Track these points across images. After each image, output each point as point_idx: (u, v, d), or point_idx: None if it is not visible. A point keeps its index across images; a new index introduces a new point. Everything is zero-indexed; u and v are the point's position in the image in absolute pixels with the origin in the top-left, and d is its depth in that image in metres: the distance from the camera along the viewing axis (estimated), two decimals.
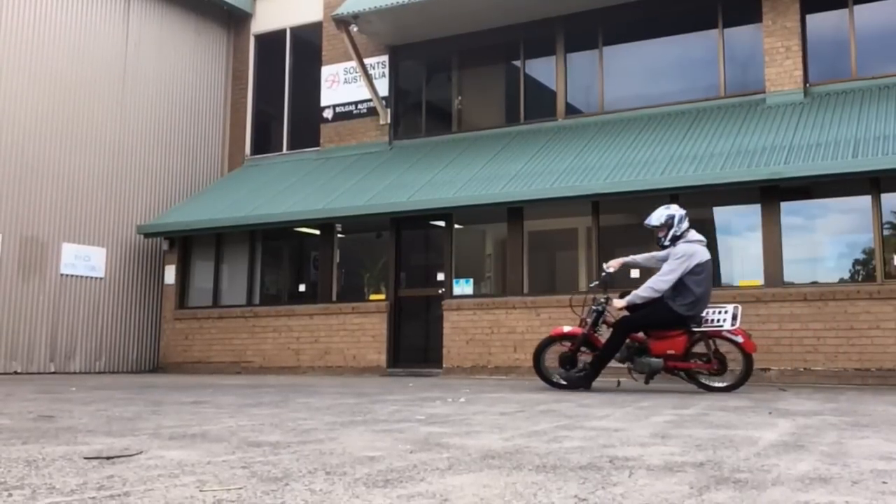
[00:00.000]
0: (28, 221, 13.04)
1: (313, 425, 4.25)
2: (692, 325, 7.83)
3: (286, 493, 2.28)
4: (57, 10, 13.69)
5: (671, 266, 7.75)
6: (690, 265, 7.73)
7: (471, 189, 11.97)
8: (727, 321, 7.82)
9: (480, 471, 2.72)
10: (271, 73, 16.38)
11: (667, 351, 7.86)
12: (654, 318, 7.86)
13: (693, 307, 7.76)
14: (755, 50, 12.25)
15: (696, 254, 7.82)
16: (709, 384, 7.97)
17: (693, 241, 7.97)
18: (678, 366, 7.93)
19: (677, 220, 7.96)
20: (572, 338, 8.09)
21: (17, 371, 12.68)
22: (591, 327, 8.04)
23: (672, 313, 7.76)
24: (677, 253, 7.81)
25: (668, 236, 7.96)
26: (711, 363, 7.86)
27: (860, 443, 3.62)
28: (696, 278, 7.76)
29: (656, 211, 8.12)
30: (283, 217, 13.28)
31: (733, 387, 7.92)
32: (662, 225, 7.99)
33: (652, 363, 7.82)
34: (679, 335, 7.85)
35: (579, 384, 7.90)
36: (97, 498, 2.18)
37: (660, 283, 7.73)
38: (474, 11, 13.36)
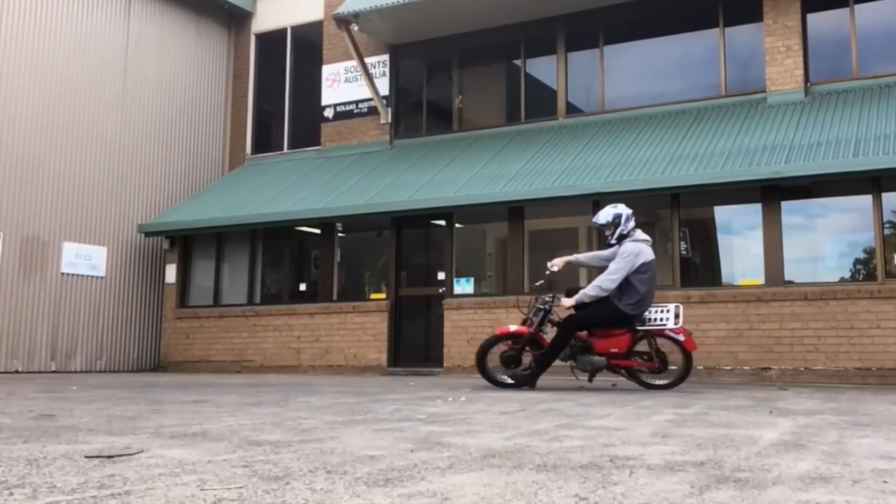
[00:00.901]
0: (29, 221, 13.04)
1: (314, 424, 4.25)
2: (636, 324, 7.91)
3: (287, 491, 2.28)
4: (58, 9, 13.69)
5: (619, 265, 7.79)
6: (636, 264, 7.79)
7: (471, 188, 11.97)
8: (670, 320, 7.91)
9: (481, 470, 2.72)
10: (272, 73, 16.38)
11: (610, 349, 7.92)
12: (600, 316, 7.91)
13: (638, 306, 7.84)
14: (756, 49, 12.25)
15: (642, 252, 7.88)
16: (649, 382, 8.11)
17: (639, 240, 8.03)
18: (621, 364, 8.01)
19: (624, 218, 8.00)
20: (518, 337, 8.06)
21: (18, 370, 12.68)
22: (538, 326, 8.03)
23: (618, 312, 7.81)
24: (624, 251, 7.85)
25: (615, 235, 8.00)
26: (653, 361, 7.97)
27: (861, 442, 3.62)
28: (642, 277, 7.83)
29: (603, 210, 8.17)
30: (283, 216, 13.28)
31: (673, 384, 8.05)
32: (609, 223, 8.04)
33: (595, 361, 7.86)
34: (623, 334, 7.93)
35: (525, 382, 7.88)
36: (98, 497, 2.18)
37: (607, 282, 7.76)
38: (475, 10, 13.36)
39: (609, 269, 7.88)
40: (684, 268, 11.19)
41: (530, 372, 7.92)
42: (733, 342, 10.40)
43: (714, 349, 10.48)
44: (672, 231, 11.19)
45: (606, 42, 13.35)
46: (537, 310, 8.10)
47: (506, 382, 8.04)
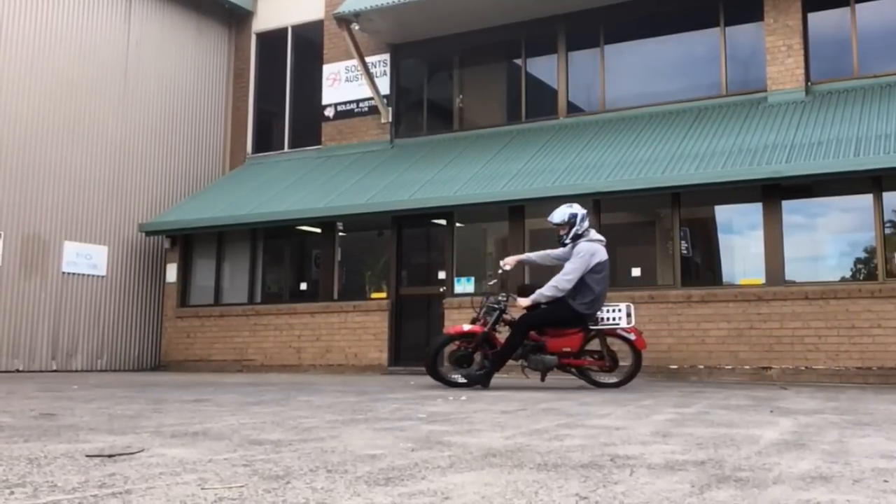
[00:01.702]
0: (30, 220, 13.05)
1: (314, 423, 4.25)
2: (589, 323, 7.94)
3: (287, 491, 2.28)
4: (59, 9, 13.69)
5: (575, 265, 7.79)
6: (592, 263, 7.81)
7: (472, 187, 11.97)
8: (622, 319, 7.98)
9: (482, 469, 2.72)
10: (272, 72, 16.38)
11: (563, 348, 7.94)
12: (555, 316, 7.91)
13: (592, 305, 7.87)
14: (757, 48, 12.24)
15: (597, 252, 7.90)
16: (599, 381, 8.15)
17: (594, 239, 8.04)
18: (572, 363, 8.04)
19: (579, 218, 8.01)
20: (472, 336, 7.99)
21: (19, 369, 12.69)
22: (492, 326, 7.98)
23: (572, 311, 7.83)
24: (580, 251, 7.85)
25: (570, 234, 8.00)
26: (604, 360, 8.03)
27: (861, 441, 3.62)
28: (597, 277, 7.85)
29: (558, 209, 8.14)
30: (284, 215, 13.28)
31: (622, 383, 8.13)
32: (564, 223, 8.03)
33: (546, 360, 7.87)
34: (575, 333, 7.95)
35: (479, 382, 7.83)
36: (99, 496, 2.18)
37: (564, 282, 7.76)
38: (475, 10, 13.36)
39: (565, 268, 7.87)
40: (685, 267, 11.18)
41: (485, 371, 7.85)
42: (734, 341, 10.40)
43: (715, 348, 10.49)
44: (673, 230, 11.19)
45: (607, 41, 13.34)
46: (491, 309, 8.04)
47: (458, 382, 7.95)
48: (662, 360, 10.75)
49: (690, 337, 10.65)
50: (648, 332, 10.87)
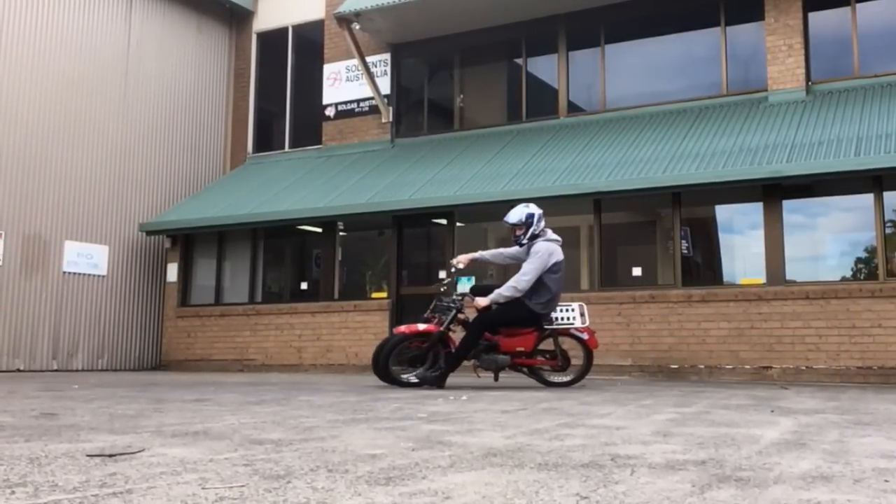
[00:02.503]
0: (31, 219, 13.05)
1: (315, 423, 4.25)
2: (544, 323, 7.92)
3: (288, 490, 2.28)
4: (59, 9, 13.69)
5: (533, 265, 7.75)
6: (550, 263, 7.78)
7: (472, 187, 11.97)
8: (576, 319, 8.02)
9: (482, 469, 2.72)
10: (273, 71, 16.38)
11: (516, 348, 7.90)
12: (511, 315, 7.88)
13: (548, 305, 7.87)
14: (757, 48, 12.24)
15: (554, 252, 7.88)
16: (551, 380, 8.16)
17: (551, 239, 8.01)
18: (525, 362, 8.02)
19: (536, 218, 7.98)
20: (426, 336, 7.83)
21: (19, 368, 12.69)
22: (447, 325, 7.85)
23: (528, 311, 7.81)
24: (538, 251, 7.82)
25: (527, 234, 7.97)
26: (557, 360, 8.05)
27: (862, 441, 3.61)
28: (553, 277, 7.84)
29: (515, 209, 8.10)
30: (284, 215, 13.28)
31: (574, 381, 8.16)
32: (522, 223, 7.99)
33: (499, 360, 7.82)
34: (529, 333, 7.93)
35: (434, 382, 7.70)
36: (99, 495, 2.18)
37: (522, 282, 7.72)
38: (476, 9, 13.36)
39: (523, 268, 7.81)
40: (685, 267, 11.18)
41: (440, 372, 7.76)
42: (735, 341, 10.40)
43: (715, 348, 10.49)
44: (673, 230, 11.19)
45: (608, 41, 13.34)
46: (447, 308, 7.94)
47: (410, 382, 7.80)
48: (663, 360, 10.76)
49: (691, 336, 10.65)
50: (649, 331, 10.89)
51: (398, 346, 7.83)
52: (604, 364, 11.06)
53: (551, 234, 8.11)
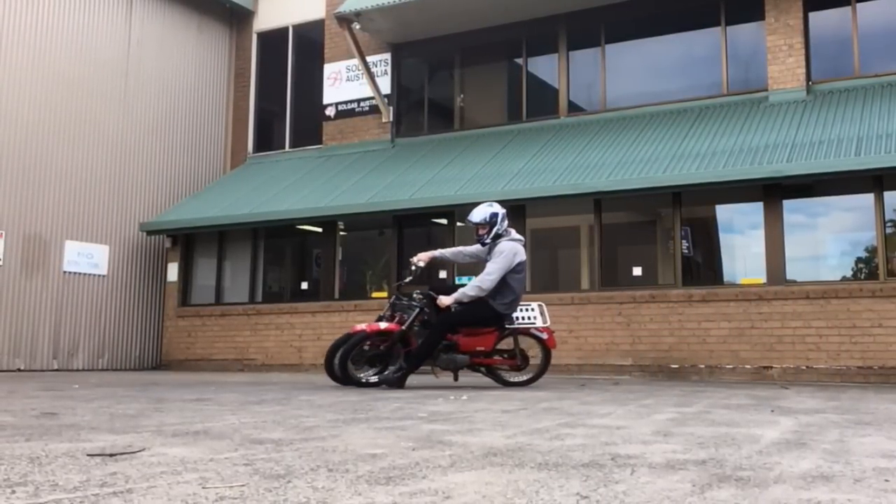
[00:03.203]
0: (31, 219, 13.06)
1: (315, 423, 4.25)
2: (505, 323, 7.88)
3: (288, 490, 2.28)
4: (59, 9, 13.69)
5: (498, 264, 7.69)
6: (514, 263, 7.74)
7: (473, 187, 11.97)
8: (537, 319, 8.00)
9: (482, 468, 2.72)
10: (273, 71, 16.38)
11: (476, 348, 7.81)
12: (475, 315, 7.79)
13: (511, 305, 7.84)
14: (758, 48, 12.24)
15: (519, 252, 7.83)
16: (509, 380, 8.13)
17: (515, 239, 7.96)
18: (483, 362, 7.96)
19: (500, 218, 7.91)
20: (387, 335, 7.65)
21: (20, 368, 12.70)
22: (410, 324, 7.69)
23: (492, 311, 7.75)
24: (503, 250, 7.76)
25: (491, 234, 7.89)
26: (516, 359, 8.03)
27: (862, 441, 3.61)
28: (517, 277, 7.81)
29: (478, 208, 8.02)
30: (285, 215, 13.28)
31: (531, 381, 8.16)
32: (485, 223, 7.90)
33: (458, 359, 7.73)
34: (490, 332, 7.87)
35: (395, 383, 7.53)
36: (100, 495, 2.18)
37: (487, 282, 7.64)
38: (476, 9, 13.35)
39: (488, 268, 7.73)
40: (686, 267, 11.18)
41: (402, 372, 7.60)
42: (735, 341, 10.40)
43: (716, 348, 10.49)
44: (674, 230, 11.19)
45: (608, 41, 13.34)
46: (407, 307, 7.76)
47: (369, 382, 7.62)
48: (663, 360, 10.76)
49: (691, 336, 10.65)
50: (649, 331, 10.89)
51: (358, 345, 7.62)
52: (604, 364, 11.07)
53: (514, 233, 8.04)
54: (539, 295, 11.68)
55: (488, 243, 7.91)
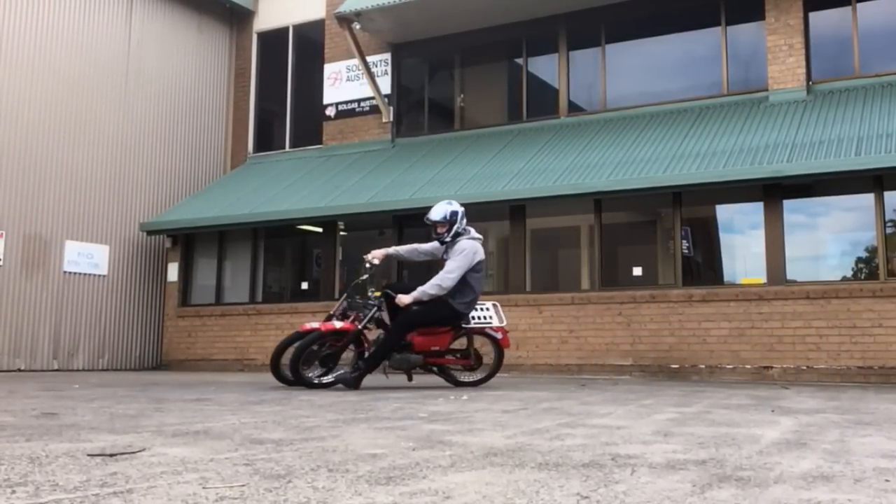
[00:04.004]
0: (31, 219, 13.06)
1: (316, 423, 4.26)
2: (462, 322, 7.80)
3: (289, 490, 2.28)
4: (59, 9, 13.69)
5: (458, 263, 7.60)
6: (474, 262, 7.67)
7: (473, 187, 11.97)
8: (493, 318, 7.95)
9: (483, 468, 2.72)
10: (274, 71, 16.38)
11: (431, 347, 7.68)
12: (436, 315, 7.66)
13: (471, 305, 7.77)
14: (758, 47, 12.24)
15: (479, 250, 7.77)
16: (461, 380, 8.03)
17: (474, 237, 7.88)
18: (437, 362, 7.84)
19: (460, 216, 7.83)
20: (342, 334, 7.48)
21: (20, 368, 12.70)
22: (366, 324, 7.52)
23: (452, 311, 7.66)
24: (463, 249, 7.67)
25: (451, 233, 7.79)
26: (469, 359, 7.95)
27: (863, 441, 3.61)
28: (477, 276, 7.74)
29: (437, 206, 7.91)
30: (285, 215, 13.28)
31: (484, 380, 8.08)
32: (445, 221, 7.79)
33: (411, 359, 7.58)
34: (446, 332, 7.77)
35: (352, 384, 7.32)
36: (100, 495, 2.18)
37: (448, 280, 7.53)
38: (476, 9, 13.36)
39: (448, 267, 7.62)
40: (686, 267, 11.19)
41: (359, 373, 7.40)
42: (735, 341, 10.40)
43: (716, 348, 10.49)
44: (674, 230, 11.19)
45: (608, 41, 13.34)
46: (363, 306, 7.60)
47: (322, 383, 7.43)
48: (664, 360, 10.76)
49: (692, 336, 10.65)
50: (649, 331, 10.89)
51: (312, 344, 7.41)
52: (604, 364, 11.07)
53: (474, 232, 7.95)
54: (539, 294, 11.71)
55: (448, 242, 7.81)
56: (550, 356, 11.39)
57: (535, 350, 11.49)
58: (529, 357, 11.52)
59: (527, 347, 11.50)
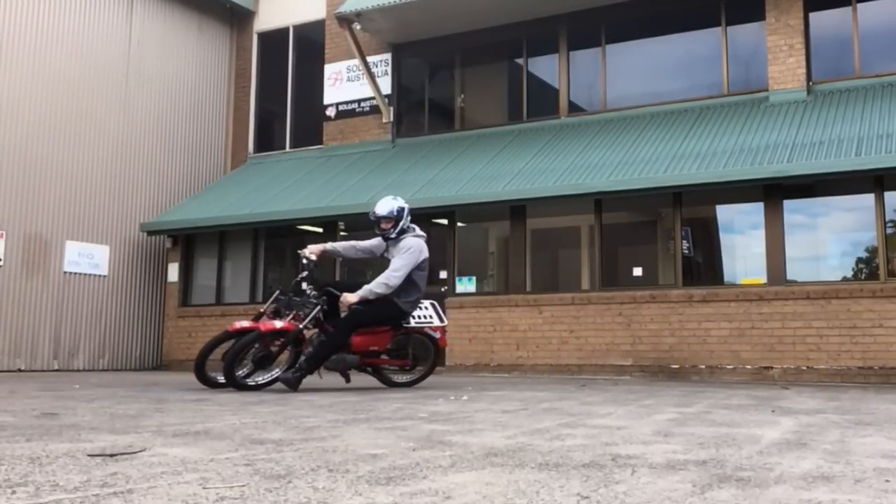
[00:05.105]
0: (32, 219, 13.06)
1: (316, 423, 4.26)
2: (403, 322, 7.67)
3: (289, 490, 2.28)
4: (60, 9, 13.69)
5: (405, 261, 7.43)
6: (420, 259, 7.54)
7: (473, 187, 11.97)
8: (434, 318, 7.88)
9: (483, 469, 2.72)
10: (274, 71, 16.39)
11: (370, 347, 7.49)
12: (382, 314, 7.48)
13: (415, 304, 7.65)
14: (758, 48, 12.24)
15: (424, 248, 7.63)
16: (396, 380, 7.90)
17: (419, 235, 7.74)
18: (373, 362, 7.64)
19: (405, 213, 7.68)
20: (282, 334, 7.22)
21: (20, 368, 12.70)
22: (307, 323, 7.26)
23: (398, 310, 7.51)
24: (409, 246, 7.52)
25: (398, 229, 7.62)
26: (406, 359, 7.82)
27: (863, 441, 3.61)
28: (422, 274, 7.62)
29: (383, 201, 7.74)
30: (285, 215, 13.28)
31: (419, 380, 7.99)
32: (392, 217, 7.61)
33: (348, 360, 7.35)
34: (385, 332, 7.59)
35: (293, 385, 7.07)
36: (100, 495, 2.18)
37: (394, 279, 7.36)
38: (477, 9, 13.36)
39: (394, 264, 7.45)
40: (686, 267, 11.19)
41: (300, 373, 7.12)
42: (735, 341, 10.40)
43: (716, 348, 10.49)
44: (674, 230, 11.19)
45: (608, 41, 13.34)
46: (302, 304, 7.29)
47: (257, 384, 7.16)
48: (664, 360, 10.76)
49: (692, 336, 10.65)
50: (650, 331, 10.89)
51: (251, 344, 7.10)
52: (605, 364, 11.07)
53: (418, 230, 7.80)
54: (539, 295, 11.71)
55: (393, 238, 7.64)
56: (550, 356, 11.39)
57: (536, 350, 11.49)
58: (529, 357, 11.52)
59: (527, 348, 11.50)
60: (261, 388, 7.17)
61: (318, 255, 7.66)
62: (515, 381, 9.52)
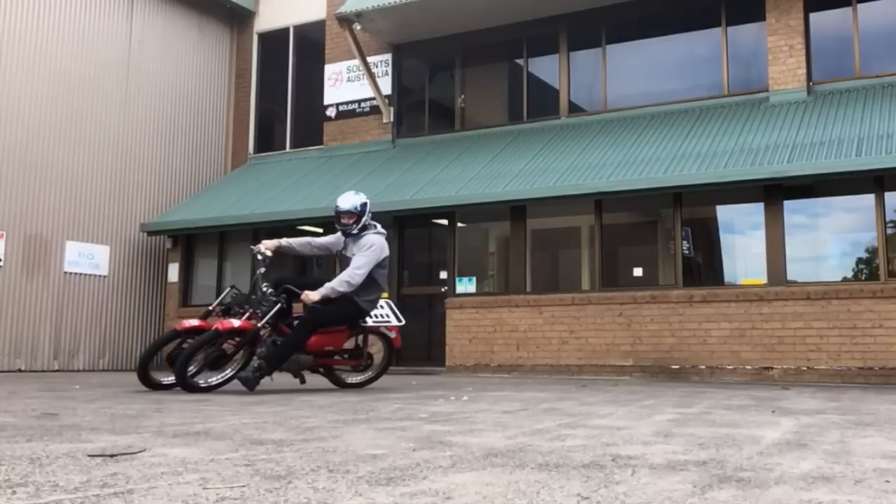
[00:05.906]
0: (32, 219, 13.06)
1: (316, 423, 4.26)
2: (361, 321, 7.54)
3: (289, 490, 2.28)
4: (60, 9, 13.70)
5: (367, 258, 7.28)
6: (381, 257, 7.43)
7: (474, 187, 11.97)
8: (391, 317, 7.81)
9: (483, 469, 2.72)
10: (274, 72, 16.39)
11: (325, 347, 7.33)
12: (343, 313, 7.33)
13: (375, 303, 7.53)
14: (758, 48, 12.24)
15: (385, 246, 7.51)
16: (347, 380, 7.76)
17: (381, 232, 7.61)
18: (326, 362, 7.49)
19: (368, 209, 7.55)
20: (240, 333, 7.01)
21: (20, 369, 12.70)
22: (266, 322, 7.07)
23: (357, 309, 7.36)
24: (371, 244, 7.37)
25: (360, 224, 7.46)
26: (361, 359, 7.69)
27: (863, 442, 3.61)
28: (383, 272, 7.53)
29: (346, 195, 7.57)
30: (286, 215, 13.29)
31: (372, 380, 7.88)
32: (354, 212, 7.43)
33: (301, 360, 7.16)
34: (341, 331, 7.45)
35: (253, 384, 6.89)
36: (101, 495, 2.18)
37: (356, 277, 7.20)
38: (477, 9, 13.36)
39: (356, 262, 7.28)
40: (687, 267, 11.18)
41: (261, 373, 6.93)
42: (736, 341, 10.40)
43: (716, 348, 10.48)
44: (674, 230, 11.19)
45: (609, 41, 13.34)
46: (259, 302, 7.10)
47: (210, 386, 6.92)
48: (664, 361, 10.75)
49: (692, 337, 10.65)
50: (650, 332, 10.89)
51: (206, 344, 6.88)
52: (605, 365, 11.07)
53: (379, 227, 7.67)
54: (539, 295, 11.71)
55: (354, 234, 7.50)
56: (551, 357, 11.39)
57: (536, 351, 11.49)
58: (530, 358, 11.52)
59: (527, 348, 11.50)
60: (213, 389, 6.92)
61: (273, 251, 7.51)
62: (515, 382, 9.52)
